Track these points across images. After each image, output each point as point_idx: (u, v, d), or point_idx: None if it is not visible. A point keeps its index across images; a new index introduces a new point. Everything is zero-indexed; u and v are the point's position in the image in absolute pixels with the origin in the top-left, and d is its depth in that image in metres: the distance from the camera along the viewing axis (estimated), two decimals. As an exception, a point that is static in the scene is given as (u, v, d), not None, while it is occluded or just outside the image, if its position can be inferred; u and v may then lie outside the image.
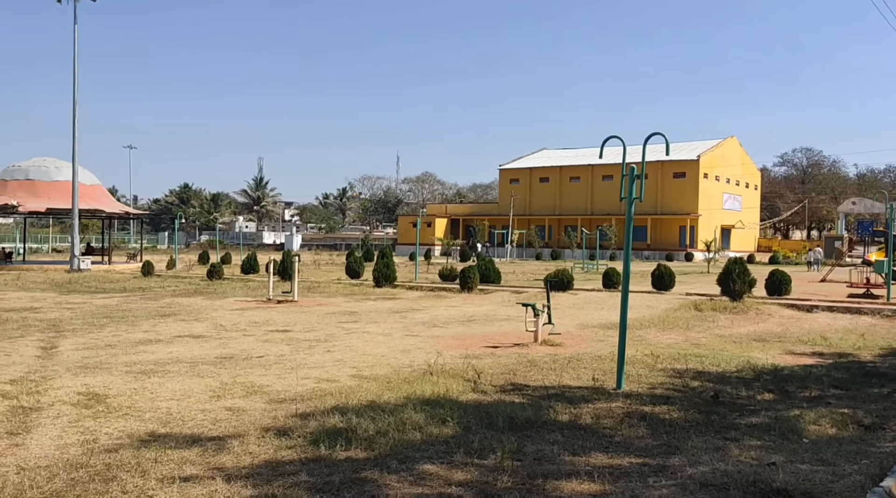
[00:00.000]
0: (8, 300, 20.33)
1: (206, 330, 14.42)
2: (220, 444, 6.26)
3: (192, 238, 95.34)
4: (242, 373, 9.78)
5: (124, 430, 6.78)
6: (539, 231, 69.53)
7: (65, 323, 15.24)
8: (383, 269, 26.72)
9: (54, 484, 5.12)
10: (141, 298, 21.41)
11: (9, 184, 39.62)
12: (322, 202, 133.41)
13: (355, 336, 13.66)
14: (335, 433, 6.48)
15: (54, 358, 10.90)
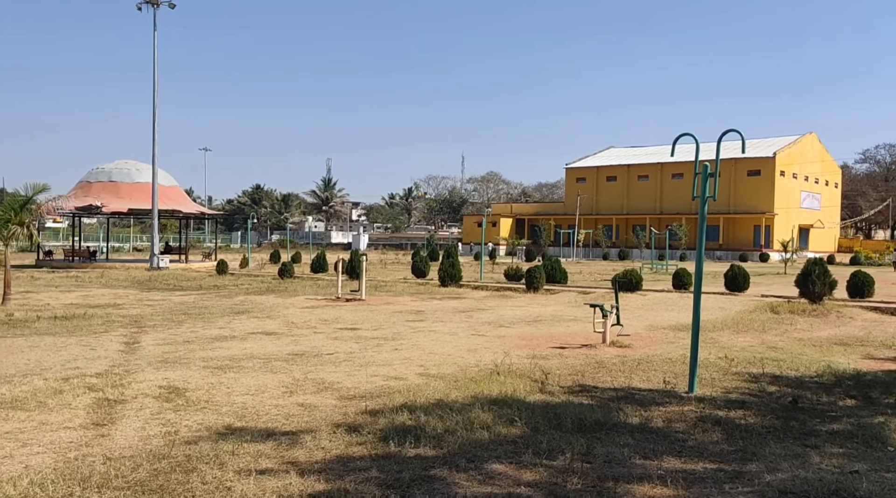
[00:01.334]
0: (93, 297, 21.35)
1: (278, 327, 14.79)
2: (294, 438, 6.42)
3: (264, 237, 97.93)
4: (313, 369, 10.00)
5: (203, 423, 7.03)
6: (606, 231, 68.51)
7: (145, 319, 15.90)
8: (449, 268, 26.83)
9: (138, 474, 5.35)
10: (216, 296, 22.13)
11: (93, 186, 41.57)
12: (388, 202, 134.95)
13: (422, 335, 13.77)
14: (404, 431, 6.55)
15: (136, 353, 11.38)
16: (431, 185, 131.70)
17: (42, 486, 4.99)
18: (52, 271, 34.20)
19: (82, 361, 10.39)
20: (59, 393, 8.17)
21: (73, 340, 12.58)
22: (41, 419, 7.07)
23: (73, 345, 11.99)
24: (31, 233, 19.05)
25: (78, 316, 16.03)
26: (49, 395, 8.06)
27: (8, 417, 7.12)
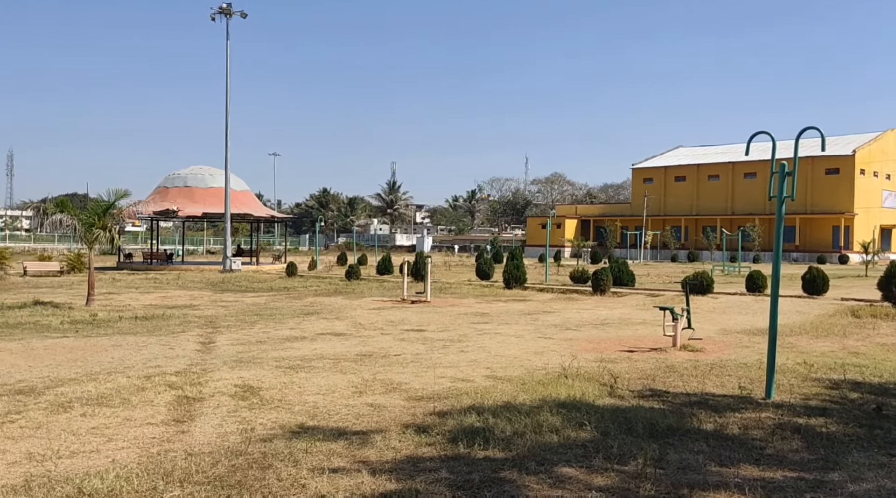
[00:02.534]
0: (170, 298, 22.18)
1: (347, 328, 15.04)
2: (364, 438, 6.52)
3: (331, 240, 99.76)
4: (381, 370, 10.13)
5: (277, 421, 7.22)
6: (674, 232, 66.98)
7: (220, 320, 16.42)
8: (513, 270, 26.74)
9: (217, 470, 5.54)
10: (286, 297, 22.67)
11: (170, 191, 43.21)
12: (452, 204, 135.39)
13: (488, 337, 13.77)
14: (473, 432, 6.57)
15: (212, 352, 11.77)
16: (495, 187, 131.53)
17: (128, 480, 5.22)
18: (131, 273, 35.69)
19: (162, 360, 10.81)
20: (142, 390, 8.52)
21: (153, 339, 13.10)
22: (125, 415, 7.39)
23: (153, 344, 12.49)
24: (112, 236, 19.92)
25: (157, 316, 16.68)
26: (132, 392, 8.42)
27: (94, 413, 7.47)
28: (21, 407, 7.65)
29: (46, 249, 57.25)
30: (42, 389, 8.55)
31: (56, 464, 5.75)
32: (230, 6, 39.45)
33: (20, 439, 6.46)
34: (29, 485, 5.15)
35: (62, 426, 6.92)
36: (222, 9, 39.42)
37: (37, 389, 8.55)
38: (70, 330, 14.20)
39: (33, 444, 6.33)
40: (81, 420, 7.16)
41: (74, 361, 10.63)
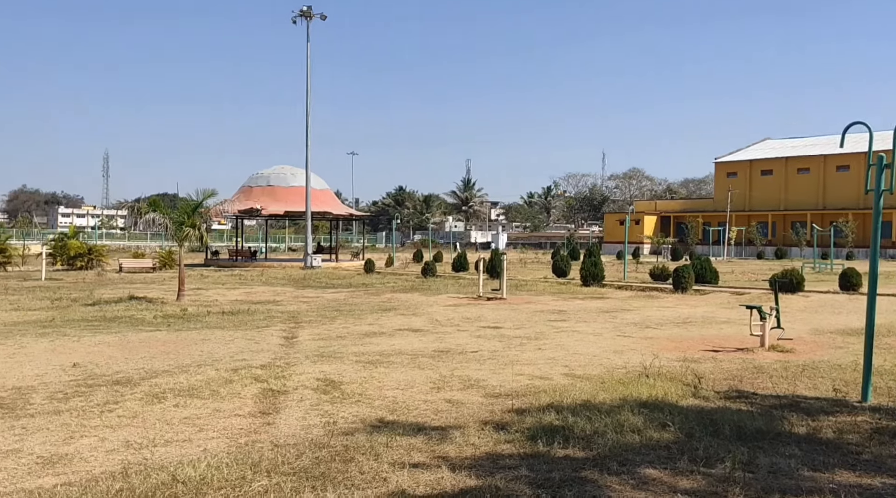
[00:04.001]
0: (255, 294, 22.93)
1: (424, 324, 15.18)
2: (443, 434, 6.56)
3: (407, 237, 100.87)
4: (459, 366, 10.17)
5: (357, 415, 7.36)
6: (760, 228, 64.51)
7: (302, 315, 16.85)
8: (591, 267, 26.35)
9: (302, 461, 5.68)
10: (364, 294, 23.06)
11: (254, 190, 44.64)
12: (527, 201, 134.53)
13: (565, 335, 13.62)
14: (552, 430, 6.51)
15: (295, 346, 12.10)
16: (571, 183, 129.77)
17: (218, 468, 5.42)
18: (218, 270, 37.08)
19: (248, 354, 11.18)
20: (230, 383, 8.84)
21: (239, 333, 13.57)
22: (214, 407, 7.68)
23: (239, 338, 12.94)
24: (201, 234, 20.77)
25: (242, 311, 17.27)
26: (220, 384, 8.74)
27: (186, 404, 7.80)
28: (119, 397, 8.07)
29: (140, 246, 60.15)
30: (138, 380, 8.99)
31: (152, 452, 6.04)
32: (310, 9, 40.40)
33: (118, 428, 6.82)
34: (126, 472, 5.42)
35: (157, 416, 7.25)
36: (303, 12, 40.41)
37: (133, 380, 9.00)
38: (162, 324, 14.88)
39: (130, 432, 6.66)
40: (174, 410, 7.49)
41: (167, 354, 11.13)
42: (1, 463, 5.73)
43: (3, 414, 7.28)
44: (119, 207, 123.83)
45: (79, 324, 14.72)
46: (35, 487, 5.10)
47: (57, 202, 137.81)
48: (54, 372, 9.56)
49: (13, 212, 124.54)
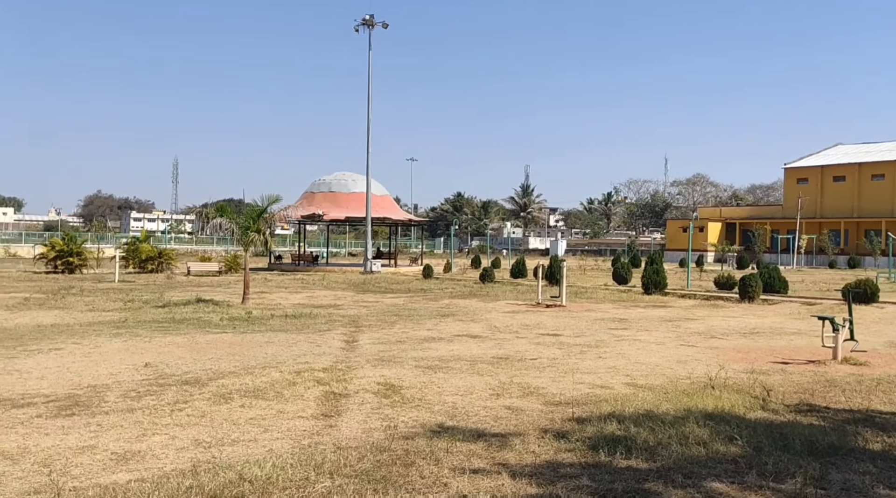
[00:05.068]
0: (317, 298, 23.34)
1: (482, 330, 15.17)
2: (503, 440, 6.54)
3: (465, 243, 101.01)
4: (518, 373, 10.12)
5: (417, 419, 7.40)
6: (832, 236, 62.07)
7: (362, 319, 17.07)
8: (653, 275, 25.86)
9: (363, 464, 5.75)
10: (423, 299, 23.19)
11: (316, 196, 45.49)
12: (586, 207, 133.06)
13: (626, 343, 13.41)
14: (614, 440, 6.41)
15: (355, 350, 12.26)
16: (632, 190, 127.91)
17: (283, 469, 5.54)
18: (281, 274, 37.88)
19: (310, 357, 11.39)
20: (293, 385, 9.02)
21: (302, 336, 13.84)
22: (279, 408, 7.85)
23: (301, 341, 13.19)
24: (266, 239, 21.28)
25: (305, 315, 17.60)
26: (284, 386, 8.93)
27: (252, 404, 8.00)
28: (188, 397, 8.33)
29: (206, 250, 61.98)
30: (206, 381, 9.26)
31: (220, 451, 6.22)
32: (373, 17, 40.98)
33: (187, 427, 7.04)
34: (196, 470, 5.60)
35: (224, 416, 7.46)
36: (365, 20, 41.03)
37: (201, 381, 9.28)
38: (228, 326, 15.29)
39: (199, 431, 6.87)
40: (240, 411, 7.69)
41: (233, 356, 11.44)
42: (77, 459, 5.99)
43: (80, 411, 7.61)
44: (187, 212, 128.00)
45: (150, 325, 15.26)
46: (110, 483, 5.31)
47: (129, 207, 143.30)
48: (127, 371, 9.94)
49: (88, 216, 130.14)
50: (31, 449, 6.22)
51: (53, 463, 5.84)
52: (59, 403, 7.96)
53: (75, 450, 6.21)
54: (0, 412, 7.49)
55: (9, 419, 7.22)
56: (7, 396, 8.23)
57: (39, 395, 8.35)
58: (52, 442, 6.45)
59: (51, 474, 5.46)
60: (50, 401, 8.05)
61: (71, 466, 5.79)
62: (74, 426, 6.99)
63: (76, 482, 5.35)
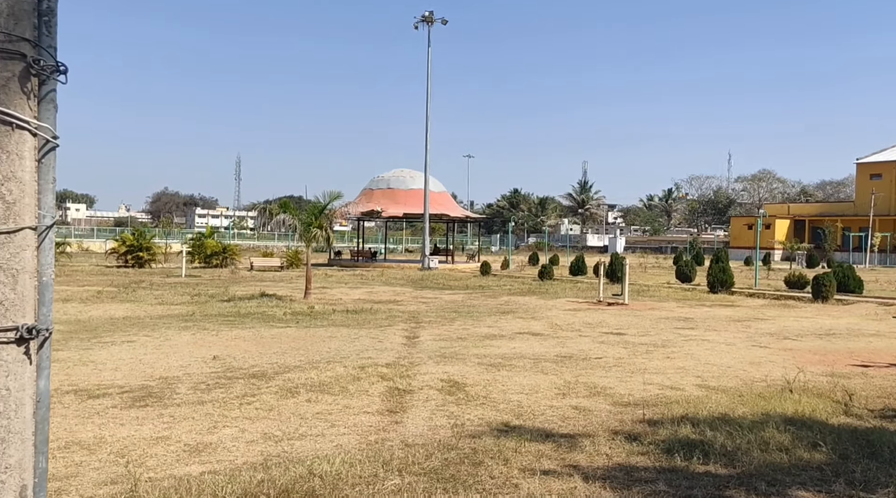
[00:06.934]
0: (376, 293, 23.49)
1: (543, 328, 14.97)
2: (572, 441, 6.38)
3: (521, 240, 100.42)
4: (584, 373, 9.92)
5: (483, 418, 7.30)
6: (908, 233, 59.25)
7: (422, 315, 17.07)
8: (719, 273, 25.13)
9: (431, 462, 5.69)
10: (482, 296, 23.09)
11: (374, 193, 45.90)
12: (646, 204, 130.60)
13: (694, 343, 13.02)
14: (689, 444, 6.18)
15: (417, 346, 12.24)
16: (694, 186, 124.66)
17: (351, 465, 5.52)
18: (341, 269, 38.35)
19: (373, 352, 11.42)
20: (357, 380, 9.04)
21: (364, 332, 13.91)
22: (344, 403, 7.87)
23: (363, 336, 13.25)
24: (328, 235, 21.53)
25: (365, 310, 17.71)
26: (349, 381, 8.96)
27: (318, 399, 8.04)
28: (255, 390, 8.43)
29: (268, 246, 63.26)
30: (272, 375, 9.37)
31: (289, 445, 6.25)
32: (432, 14, 41.05)
33: (256, 420, 7.11)
34: (267, 464, 5.63)
35: (291, 410, 7.51)
36: (424, 17, 41.13)
37: (267, 374, 9.39)
38: (291, 321, 15.50)
39: (267, 425, 6.93)
40: (307, 405, 7.73)
41: (297, 350, 11.56)
42: (152, 449, 6.11)
43: (153, 402, 7.78)
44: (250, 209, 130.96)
45: (216, 318, 15.59)
46: (184, 474, 5.38)
47: (194, 204, 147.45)
48: (196, 364, 10.15)
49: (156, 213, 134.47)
50: (108, 439, 6.38)
51: (129, 453, 5.96)
52: (133, 394, 8.16)
53: (149, 441, 6.34)
54: (77, 403, 7.72)
55: (85, 409, 7.43)
56: (83, 387, 8.48)
57: (114, 386, 8.59)
58: (127, 432, 6.60)
59: (127, 465, 5.57)
60: (124, 392, 8.26)
61: (146, 456, 5.90)
62: (148, 417, 7.14)
63: (151, 473, 5.44)
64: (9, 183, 1.74)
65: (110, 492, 4.91)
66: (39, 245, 1.85)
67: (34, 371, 1.81)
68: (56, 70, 1.82)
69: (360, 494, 4.88)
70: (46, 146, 1.86)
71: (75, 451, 6.01)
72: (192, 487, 4.91)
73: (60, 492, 4.95)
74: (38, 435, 1.80)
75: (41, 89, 1.83)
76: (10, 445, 1.69)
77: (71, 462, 5.71)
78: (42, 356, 1.85)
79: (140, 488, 4.84)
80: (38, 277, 1.84)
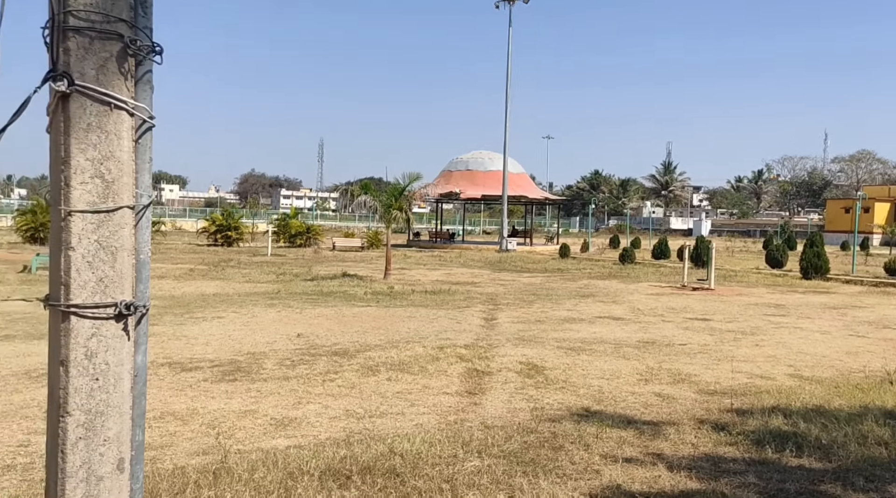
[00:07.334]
0: (454, 275, 23.59)
1: (625, 313, 14.67)
2: (655, 429, 6.22)
3: (601, 223, 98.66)
4: (667, 359, 9.67)
5: (563, 402, 7.22)
6: None
7: (499, 297, 17.03)
8: (813, 258, 23.98)
9: (511, 445, 5.66)
10: (561, 279, 22.83)
11: (453, 174, 45.98)
12: (734, 186, 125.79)
13: (786, 331, 12.48)
14: (781, 436, 5.92)
15: (495, 328, 12.22)
16: (786, 167, 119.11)
17: (432, 445, 5.55)
18: (419, 251, 38.71)
19: (451, 333, 11.47)
20: (436, 360, 9.10)
21: (442, 312, 13.99)
22: (424, 383, 7.93)
23: (441, 317, 13.33)
24: (408, 217, 21.74)
25: (443, 291, 17.81)
26: (428, 361, 9.03)
27: (398, 378, 8.14)
28: (338, 367, 8.61)
29: (349, 227, 64.49)
30: (353, 353, 9.55)
31: (371, 422, 6.35)
32: (513, -7, 40.51)
33: (339, 397, 7.26)
34: (349, 440, 5.74)
35: (372, 388, 7.63)
36: (505, -4, 40.63)
37: (349, 352, 9.58)
38: (372, 300, 15.75)
39: (349, 402, 7.07)
40: (387, 384, 7.84)
41: (377, 329, 11.74)
42: (240, 422, 6.33)
43: (241, 377, 8.07)
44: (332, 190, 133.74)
45: (300, 297, 16.01)
46: (270, 448, 5.55)
47: (279, 185, 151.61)
48: (282, 340, 10.45)
49: (243, 194, 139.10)
50: (199, 411, 6.65)
51: (219, 425, 6.20)
52: (223, 368, 8.48)
53: (238, 414, 6.57)
54: (171, 375, 8.09)
55: (179, 382, 7.78)
56: (177, 360, 8.87)
57: (205, 360, 8.95)
58: (217, 405, 6.86)
59: (217, 437, 5.79)
60: (214, 366, 8.59)
61: (235, 428, 6.12)
62: (237, 391, 7.41)
63: (240, 445, 5.64)
64: (108, 162, 1.80)
65: (202, 462, 5.12)
66: (137, 224, 1.91)
67: (132, 346, 1.88)
68: (152, 51, 1.87)
69: (441, 475, 4.90)
70: (143, 126, 1.92)
71: (170, 421, 6.30)
72: (278, 461, 5.05)
73: (156, 460, 5.20)
74: (136, 409, 1.88)
75: (137, 70, 1.88)
76: (108, 419, 1.77)
77: (166, 432, 5.99)
78: (139, 332, 1.92)
79: (230, 460, 5.02)
80: (135, 254, 1.91)
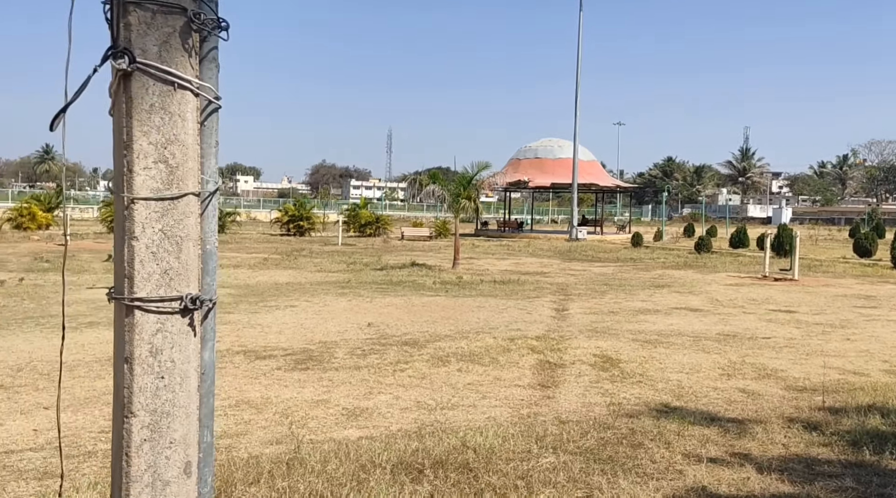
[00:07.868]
0: (523, 265, 23.31)
1: (702, 304, 14.14)
2: (741, 427, 5.90)
3: (675, 211, 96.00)
4: (750, 353, 9.22)
5: (640, 397, 6.95)
6: None
7: (570, 288, 16.69)
8: (906, 247, 22.59)
9: (587, 441, 5.45)
10: (633, 269, 22.25)
11: (521, 162, 45.50)
12: (817, 172, 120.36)
13: (879, 324, 11.75)
14: (880, 437, 5.52)
15: (567, 319, 11.95)
16: (874, 151, 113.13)
17: (505, 439, 5.41)
18: (487, 240, 38.51)
19: (522, 324, 11.27)
20: (507, 351, 8.94)
21: (511, 303, 13.79)
22: (495, 375, 7.78)
23: (511, 307, 13.13)
24: (476, 206, 21.58)
25: (512, 281, 17.59)
26: (499, 352, 8.88)
27: (468, 369, 8.02)
28: (408, 357, 8.56)
29: (417, 216, 64.76)
30: (423, 343, 9.48)
31: (443, 414, 6.25)
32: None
33: (409, 387, 7.19)
34: (421, 432, 5.65)
35: (442, 379, 7.54)
36: (574, -20, 39.78)
37: (419, 342, 9.51)
38: (441, 290, 15.68)
39: (420, 393, 6.99)
40: (458, 375, 7.73)
41: (447, 319, 11.65)
42: (313, 411, 6.33)
43: (313, 366, 8.10)
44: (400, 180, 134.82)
45: (370, 286, 16.09)
46: (342, 438, 5.52)
47: (349, 176, 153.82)
48: (353, 329, 10.48)
49: (315, 184, 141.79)
50: (273, 400, 6.69)
51: (292, 414, 6.22)
52: (296, 356, 8.55)
53: (311, 403, 6.59)
54: (246, 363, 8.20)
55: (253, 370, 7.87)
56: (252, 348, 9.00)
57: (278, 348, 9.04)
58: (290, 394, 6.90)
59: (291, 426, 5.80)
60: (287, 354, 8.67)
61: (307, 418, 6.12)
62: (309, 380, 7.44)
63: (313, 435, 5.63)
64: (171, 146, 1.70)
65: (276, 452, 5.12)
66: (203, 212, 1.80)
67: (198, 342, 1.78)
68: (217, 26, 1.75)
69: (515, 471, 4.75)
70: (209, 107, 1.81)
71: (244, 409, 6.36)
72: (350, 452, 5.00)
73: (231, 449, 5.23)
74: (203, 408, 1.78)
75: (202, 47, 1.77)
76: (174, 420, 1.68)
77: (241, 420, 6.04)
78: (206, 327, 1.82)
79: (302, 450, 5.00)
80: (201, 244, 1.80)
